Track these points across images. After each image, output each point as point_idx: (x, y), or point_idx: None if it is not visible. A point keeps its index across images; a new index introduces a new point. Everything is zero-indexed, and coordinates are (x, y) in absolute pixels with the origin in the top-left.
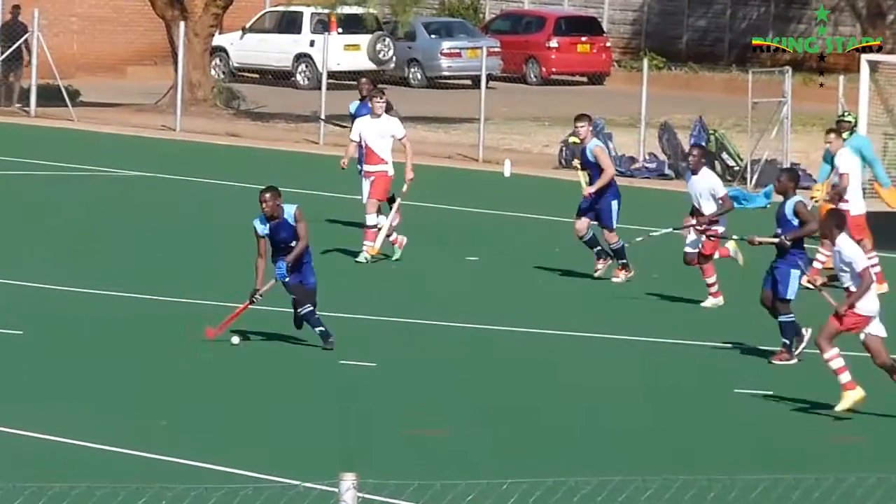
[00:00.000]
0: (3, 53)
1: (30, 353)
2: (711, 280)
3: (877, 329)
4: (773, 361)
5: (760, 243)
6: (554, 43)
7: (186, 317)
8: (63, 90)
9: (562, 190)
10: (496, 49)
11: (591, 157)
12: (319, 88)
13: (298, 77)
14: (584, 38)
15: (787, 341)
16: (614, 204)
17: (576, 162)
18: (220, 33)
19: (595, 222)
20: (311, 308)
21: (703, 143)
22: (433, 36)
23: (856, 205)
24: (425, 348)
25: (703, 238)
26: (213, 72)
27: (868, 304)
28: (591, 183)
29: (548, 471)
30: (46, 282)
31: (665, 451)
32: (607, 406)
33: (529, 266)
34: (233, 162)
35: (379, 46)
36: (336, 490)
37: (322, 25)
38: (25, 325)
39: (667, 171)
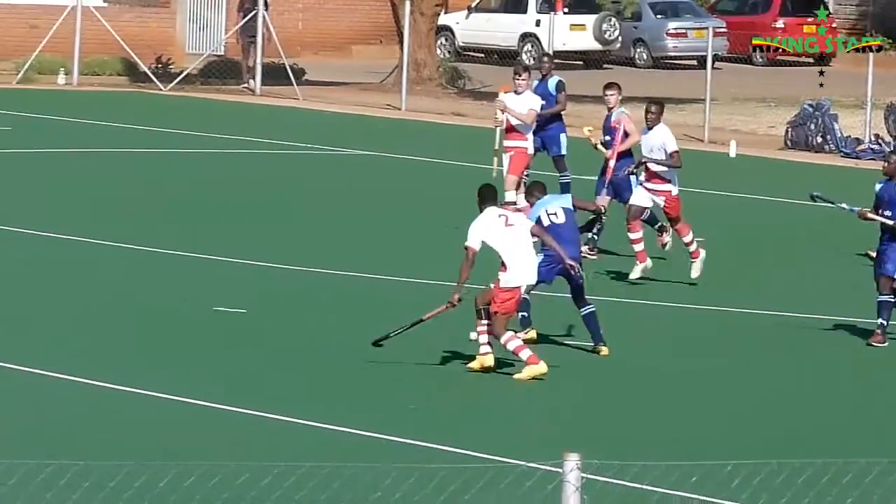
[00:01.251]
0: (238, 32)
1: (253, 332)
2: (688, 239)
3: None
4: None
5: (869, 219)
6: (780, 23)
7: (415, 298)
8: (288, 69)
9: (788, 171)
10: (722, 29)
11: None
12: None
13: (524, 57)
14: (810, 19)
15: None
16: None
17: (596, 141)
18: (445, 12)
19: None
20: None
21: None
22: (659, 16)
23: None
24: (656, 331)
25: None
26: (438, 51)
27: (511, 277)
28: (608, 148)
29: (769, 452)
30: (271, 261)
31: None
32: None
33: (756, 246)
34: (458, 141)
35: (605, 26)
36: (560, 471)
37: (548, 5)
38: (249, 304)
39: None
